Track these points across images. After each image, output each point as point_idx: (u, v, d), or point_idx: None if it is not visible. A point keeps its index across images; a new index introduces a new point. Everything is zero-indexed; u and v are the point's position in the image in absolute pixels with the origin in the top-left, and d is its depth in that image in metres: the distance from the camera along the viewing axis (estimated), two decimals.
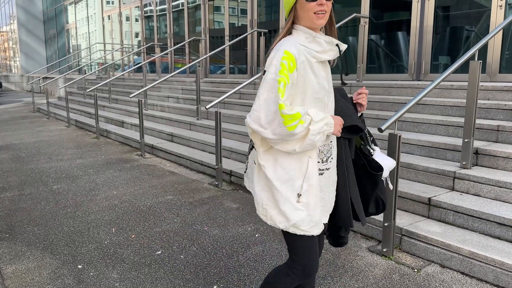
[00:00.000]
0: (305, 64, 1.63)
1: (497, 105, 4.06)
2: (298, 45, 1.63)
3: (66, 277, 2.82)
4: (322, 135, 1.64)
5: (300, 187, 1.68)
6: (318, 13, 1.62)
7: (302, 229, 1.70)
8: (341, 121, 1.72)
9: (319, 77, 1.67)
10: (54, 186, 4.92)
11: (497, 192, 3.21)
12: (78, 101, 12.33)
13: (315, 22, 1.63)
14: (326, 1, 1.62)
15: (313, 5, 1.61)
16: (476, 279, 2.70)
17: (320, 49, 1.66)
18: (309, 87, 1.65)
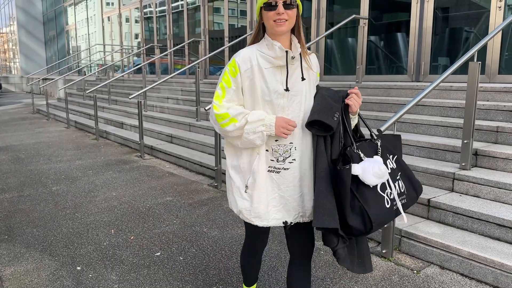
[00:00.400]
0: (251, 71, 1.78)
1: (496, 106, 4.06)
2: (251, 53, 1.80)
3: (65, 279, 2.81)
4: (260, 135, 1.76)
5: (247, 180, 1.86)
6: (277, 21, 1.72)
7: (245, 217, 1.89)
8: (287, 123, 1.75)
9: (271, 81, 1.78)
10: (53, 188, 4.92)
11: (497, 193, 3.21)
12: (78, 102, 12.33)
13: (275, 29, 1.74)
14: (285, 10, 1.71)
15: (272, 13, 1.72)
16: (476, 281, 2.69)
17: (274, 55, 1.77)
18: (257, 90, 1.79)
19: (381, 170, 1.71)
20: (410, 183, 1.88)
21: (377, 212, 1.72)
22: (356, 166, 1.72)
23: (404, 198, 1.83)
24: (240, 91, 1.82)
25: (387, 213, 1.74)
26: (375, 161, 1.75)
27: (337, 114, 1.77)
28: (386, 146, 1.87)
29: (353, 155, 1.75)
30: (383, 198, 1.74)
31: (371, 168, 1.71)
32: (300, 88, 1.80)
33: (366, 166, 1.72)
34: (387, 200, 1.75)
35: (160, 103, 8.91)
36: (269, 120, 1.76)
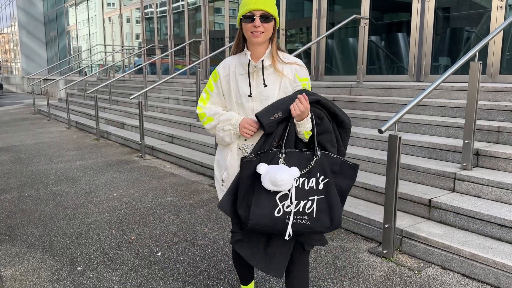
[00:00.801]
0: (229, 78, 2.00)
1: (498, 106, 4.05)
2: (231, 62, 2.01)
3: (65, 279, 2.81)
4: (228, 133, 1.96)
5: (223, 174, 2.05)
6: (254, 33, 1.86)
7: None
8: (249, 124, 1.89)
9: (241, 86, 1.96)
10: (54, 188, 4.92)
11: (498, 193, 3.20)
12: (79, 102, 12.34)
13: (252, 40, 1.89)
14: (262, 23, 1.85)
15: (249, 25, 1.87)
16: (477, 281, 2.69)
17: (246, 62, 1.95)
18: (232, 95, 1.99)
19: (276, 179, 1.70)
20: (328, 211, 1.79)
21: (261, 214, 1.75)
22: (262, 165, 1.77)
23: (304, 219, 1.77)
24: (221, 95, 2.05)
25: (272, 220, 1.75)
26: (281, 169, 1.73)
27: (278, 115, 1.81)
28: (324, 166, 1.80)
29: (274, 157, 1.80)
30: (276, 206, 1.75)
31: (270, 174, 1.72)
32: (270, 93, 1.92)
33: (270, 170, 1.74)
34: (279, 209, 1.75)
35: (161, 104, 8.92)
36: (236, 120, 1.94)
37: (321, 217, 1.78)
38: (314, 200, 1.77)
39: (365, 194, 3.77)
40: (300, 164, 1.79)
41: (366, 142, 4.51)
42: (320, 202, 1.78)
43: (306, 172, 1.78)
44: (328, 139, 1.86)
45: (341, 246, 3.25)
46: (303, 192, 1.77)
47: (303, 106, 1.76)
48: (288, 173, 1.72)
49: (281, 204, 1.75)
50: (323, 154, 1.83)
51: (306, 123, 1.82)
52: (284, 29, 8.18)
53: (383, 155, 4.05)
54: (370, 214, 3.43)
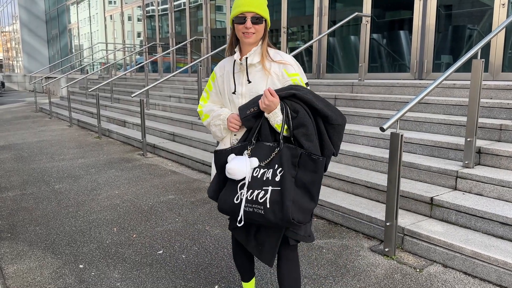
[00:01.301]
0: (224, 77, 2.09)
1: (500, 104, 4.04)
2: (227, 62, 2.10)
3: (67, 277, 2.82)
4: (219, 128, 2.07)
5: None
6: (245, 34, 1.92)
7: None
8: (234, 119, 1.99)
9: (234, 84, 2.04)
10: (56, 186, 4.93)
11: (500, 191, 3.19)
12: (80, 100, 12.35)
13: (243, 40, 1.96)
14: (253, 25, 1.91)
15: (241, 27, 1.92)
16: (479, 279, 2.68)
17: (238, 62, 2.00)
18: (226, 92, 2.09)
19: (228, 169, 1.84)
20: (281, 204, 1.77)
21: (223, 200, 1.92)
22: (230, 156, 1.91)
23: (258, 208, 1.81)
24: (219, 93, 2.15)
25: (232, 206, 1.88)
26: (237, 160, 1.84)
27: (253, 109, 1.91)
28: (282, 158, 1.82)
29: (242, 148, 1.92)
30: (235, 193, 1.87)
31: (231, 164, 1.84)
32: (258, 90, 1.97)
33: (232, 160, 1.87)
34: (237, 197, 1.86)
35: (163, 102, 8.92)
36: (224, 115, 2.04)
37: (275, 209, 1.79)
38: (268, 190, 1.81)
39: (367, 192, 3.77)
40: (264, 155, 1.87)
41: (368, 140, 4.50)
42: (274, 193, 1.80)
43: (267, 164, 1.85)
44: (302, 132, 1.84)
45: (343, 244, 3.25)
46: (258, 182, 1.83)
47: (267, 100, 1.82)
48: (242, 163, 1.81)
49: (240, 192, 1.86)
50: (286, 147, 1.86)
51: (275, 116, 1.85)
52: (286, 27, 8.16)
53: (384, 153, 4.05)
54: (372, 212, 3.42)
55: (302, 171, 1.82)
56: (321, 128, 1.88)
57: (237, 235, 2.10)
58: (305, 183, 1.82)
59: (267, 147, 1.88)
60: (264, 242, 2.00)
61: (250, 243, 2.05)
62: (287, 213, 1.76)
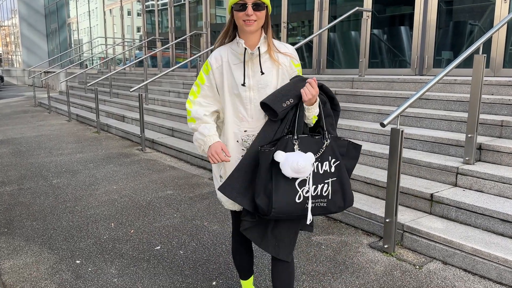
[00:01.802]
0: (222, 68, 1.94)
1: (501, 100, 4.00)
2: (222, 52, 1.94)
3: (64, 272, 2.79)
4: (199, 146, 1.95)
5: (220, 169, 2.03)
6: (246, 22, 1.81)
7: (224, 204, 2.06)
8: (217, 152, 1.85)
9: (238, 76, 1.90)
10: (53, 181, 4.90)
11: (501, 188, 3.17)
12: (79, 95, 12.30)
13: (244, 29, 1.84)
14: (254, 12, 1.80)
15: (241, 14, 1.81)
16: (479, 276, 2.66)
17: (240, 51, 1.88)
18: (225, 84, 1.93)
19: (298, 166, 1.71)
20: (341, 192, 1.85)
21: (282, 201, 1.76)
22: (280, 153, 1.76)
23: (321, 202, 1.82)
24: (214, 87, 1.97)
25: (294, 206, 1.78)
26: (301, 156, 1.74)
27: (289, 101, 1.81)
28: (333, 149, 1.86)
29: (288, 144, 1.80)
30: (296, 192, 1.78)
31: (291, 162, 1.72)
32: (267, 81, 1.88)
33: (289, 157, 1.74)
34: (300, 195, 1.78)
35: (162, 96, 8.88)
36: (209, 141, 1.91)
37: (335, 198, 1.84)
38: (329, 182, 1.82)
39: (366, 188, 3.74)
40: (312, 149, 1.81)
41: (368, 136, 4.47)
42: (334, 184, 1.83)
43: (319, 157, 1.82)
44: (330, 122, 1.90)
45: (342, 240, 3.23)
46: (319, 176, 1.80)
47: (314, 91, 1.77)
48: (307, 159, 1.74)
49: (301, 190, 1.78)
50: (332, 138, 1.87)
51: (315, 107, 1.84)
52: (286, 22, 8.11)
53: (384, 149, 4.02)
54: (371, 208, 3.40)
55: (346, 159, 1.91)
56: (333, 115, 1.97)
57: (250, 235, 1.98)
58: (348, 170, 1.92)
59: (312, 140, 1.84)
60: (284, 237, 1.95)
61: (267, 242, 1.96)
62: (352, 198, 1.87)
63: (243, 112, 1.92)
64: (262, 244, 1.97)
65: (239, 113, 1.92)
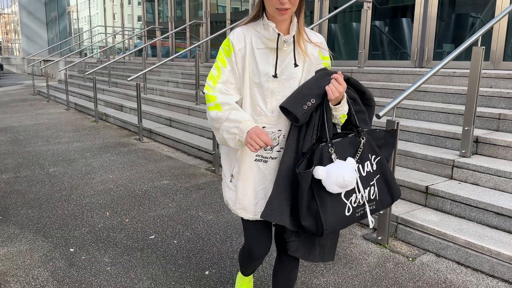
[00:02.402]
0: (245, 51, 1.67)
1: (500, 93, 3.98)
2: (246, 32, 1.69)
3: (57, 260, 2.80)
4: (233, 137, 1.64)
5: (233, 169, 1.80)
6: (280, 10, 1.58)
7: (231, 208, 1.84)
8: (258, 136, 1.55)
9: (262, 63, 1.66)
10: (50, 169, 4.89)
11: (496, 181, 3.16)
12: (78, 84, 12.26)
13: (276, 17, 1.62)
14: None
15: (275, 1, 1.57)
16: (472, 269, 2.66)
17: (268, 36, 1.64)
18: (247, 71, 1.68)
19: (345, 182, 1.52)
20: (387, 188, 1.73)
21: (333, 219, 1.58)
22: (319, 169, 1.54)
23: (371, 206, 1.67)
24: (236, 72, 1.69)
25: (345, 220, 1.60)
26: (342, 167, 1.53)
27: (310, 102, 1.59)
28: (371, 145, 1.69)
29: (323, 154, 1.57)
30: (344, 206, 1.60)
31: (335, 177, 1.51)
32: (293, 73, 1.67)
33: (332, 172, 1.53)
34: (349, 208, 1.60)
35: (160, 86, 8.84)
36: (245, 125, 1.60)
37: (382, 197, 1.71)
38: (375, 183, 1.68)
39: None
40: (349, 151, 1.62)
41: None
42: (379, 182, 1.70)
43: (358, 158, 1.63)
44: (362, 118, 1.70)
45: None
46: (363, 179, 1.64)
47: (341, 87, 1.55)
48: (351, 168, 1.55)
49: (349, 202, 1.60)
50: (367, 133, 1.70)
51: (344, 105, 1.63)
52: None
53: None
54: None
55: (384, 150, 1.77)
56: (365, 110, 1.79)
57: (298, 255, 1.78)
58: (387, 159, 1.79)
59: (347, 141, 1.64)
60: (326, 242, 1.81)
61: (311, 255, 1.79)
62: (398, 192, 1.76)
63: (262, 106, 1.68)
64: (309, 258, 1.81)
65: (257, 106, 1.69)
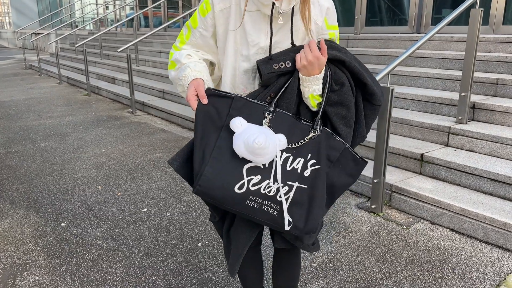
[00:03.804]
0: (230, 11, 1.37)
1: (498, 57, 3.87)
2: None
3: (48, 235, 2.77)
4: (181, 89, 1.41)
5: None
6: None
7: None
8: (196, 88, 1.32)
9: (253, 30, 1.36)
10: (42, 144, 4.82)
11: (492, 147, 3.11)
12: (70, 57, 12.02)
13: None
14: None
15: None
16: (466, 236, 2.64)
17: (263, 1, 1.30)
18: (231, 39, 1.39)
19: (254, 144, 1.19)
20: (306, 211, 1.30)
21: (215, 181, 1.25)
22: (238, 121, 1.26)
23: (271, 208, 1.28)
24: (209, 38, 1.43)
25: (229, 196, 1.25)
26: (264, 132, 1.23)
27: (284, 64, 1.32)
28: (319, 147, 1.32)
29: (256, 112, 1.30)
30: (239, 178, 1.25)
31: (247, 135, 1.22)
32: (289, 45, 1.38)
33: (249, 129, 1.24)
34: (243, 185, 1.25)
35: (153, 58, 8.66)
36: (187, 78, 1.36)
37: (294, 213, 1.29)
38: (293, 187, 1.28)
39: (356, 149, 3.68)
40: (290, 134, 1.31)
41: None
42: (300, 192, 1.29)
43: (295, 148, 1.30)
44: (341, 114, 1.36)
45: None
46: (283, 172, 1.28)
47: (311, 55, 1.26)
48: (273, 140, 1.23)
49: (247, 179, 1.25)
50: (325, 133, 1.34)
51: (314, 82, 1.31)
52: None
53: None
54: None
55: (336, 170, 1.36)
56: (360, 108, 1.40)
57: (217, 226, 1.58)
58: (334, 187, 1.37)
59: (294, 123, 1.33)
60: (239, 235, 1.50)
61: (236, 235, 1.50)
62: (315, 225, 1.30)
63: (246, 82, 1.42)
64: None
65: (240, 84, 1.42)
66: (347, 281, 2.24)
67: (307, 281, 2.25)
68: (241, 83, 1.42)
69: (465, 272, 2.28)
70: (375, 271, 2.32)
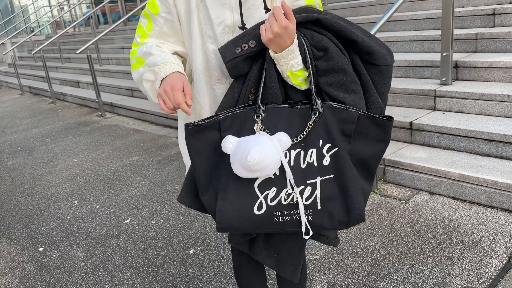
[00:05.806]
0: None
1: (473, 11, 3.74)
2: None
3: (26, 264, 2.53)
4: (151, 86, 1.19)
5: None
6: None
7: None
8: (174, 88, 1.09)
9: (215, 5, 1.17)
10: (8, 162, 4.50)
11: (482, 106, 2.98)
12: (30, 65, 11.44)
13: None
14: None
15: None
16: (468, 202, 2.53)
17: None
18: (195, 20, 1.20)
19: (247, 162, 1.00)
20: (343, 200, 1.08)
21: (231, 213, 1.08)
22: (228, 140, 1.07)
23: (294, 215, 1.08)
24: (176, 21, 1.22)
25: (251, 221, 1.08)
26: (257, 142, 1.03)
27: (247, 45, 1.10)
28: (328, 127, 1.09)
29: (247, 120, 1.11)
30: (254, 200, 1.07)
31: (240, 153, 1.03)
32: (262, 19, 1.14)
33: (241, 145, 1.05)
34: (260, 204, 1.07)
35: (116, 55, 8.26)
36: (163, 70, 1.14)
37: (331, 208, 1.08)
38: (317, 183, 1.08)
39: None
40: (291, 127, 1.10)
41: None
42: (326, 185, 1.08)
43: (301, 140, 1.09)
44: (338, 81, 1.12)
45: None
46: (298, 172, 1.08)
47: (277, 25, 1.03)
48: (269, 147, 1.03)
49: (262, 196, 1.07)
50: (328, 108, 1.10)
51: (290, 56, 1.09)
52: None
53: None
54: None
55: (359, 142, 1.12)
56: (363, 72, 1.15)
57: (240, 247, 1.38)
58: (366, 159, 1.13)
59: (291, 112, 1.12)
60: (280, 247, 1.33)
61: (260, 252, 1.34)
62: (361, 211, 1.08)
63: (218, 69, 1.22)
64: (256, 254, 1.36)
65: (213, 70, 1.23)
66: (354, 270, 2.10)
67: (312, 276, 2.10)
68: (214, 70, 1.23)
69: (476, 243, 2.16)
70: (382, 255, 2.18)
